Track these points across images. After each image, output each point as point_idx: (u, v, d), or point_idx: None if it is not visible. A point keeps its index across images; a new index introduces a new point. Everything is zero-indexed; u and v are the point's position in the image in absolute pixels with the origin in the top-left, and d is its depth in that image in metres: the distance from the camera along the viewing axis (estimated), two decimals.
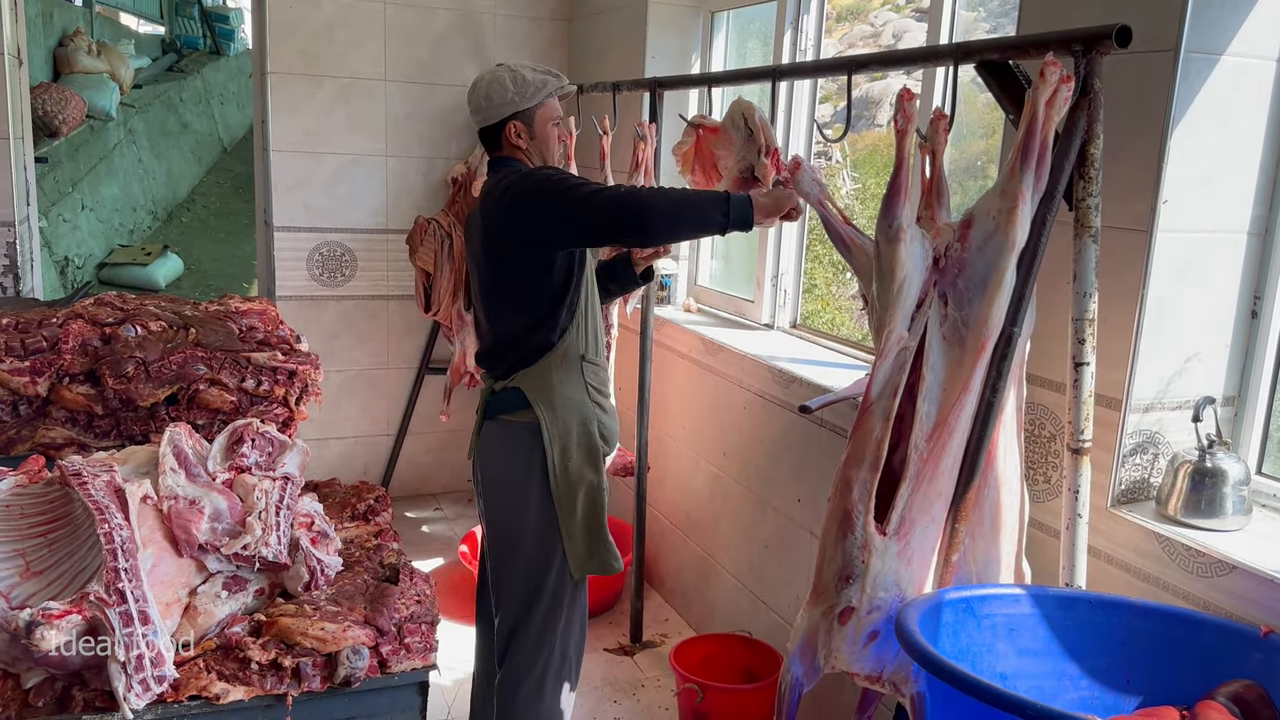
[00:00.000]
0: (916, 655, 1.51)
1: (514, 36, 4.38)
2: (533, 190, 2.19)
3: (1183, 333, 1.91)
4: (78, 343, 2.27)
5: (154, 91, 9.35)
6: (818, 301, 5.56)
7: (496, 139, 2.34)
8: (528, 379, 2.29)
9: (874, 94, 7.19)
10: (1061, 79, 1.71)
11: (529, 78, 2.30)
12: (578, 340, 2.32)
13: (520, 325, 2.29)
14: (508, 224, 2.22)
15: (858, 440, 1.90)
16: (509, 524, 2.36)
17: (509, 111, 2.29)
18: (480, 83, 2.33)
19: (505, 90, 2.28)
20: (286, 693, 1.60)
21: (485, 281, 2.34)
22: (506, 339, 2.33)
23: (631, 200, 2.12)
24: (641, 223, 2.12)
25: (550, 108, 2.35)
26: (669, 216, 2.13)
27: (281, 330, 2.51)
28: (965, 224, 1.86)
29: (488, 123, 2.33)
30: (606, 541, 2.35)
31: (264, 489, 1.83)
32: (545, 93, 2.31)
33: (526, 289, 2.26)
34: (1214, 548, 1.74)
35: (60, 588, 1.51)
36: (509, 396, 2.32)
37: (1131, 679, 1.68)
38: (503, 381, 2.34)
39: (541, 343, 2.28)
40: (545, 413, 2.28)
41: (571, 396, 2.31)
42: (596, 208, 2.13)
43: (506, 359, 2.33)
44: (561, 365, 2.30)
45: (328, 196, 4.21)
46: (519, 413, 2.31)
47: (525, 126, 2.31)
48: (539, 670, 2.34)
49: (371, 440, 4.55)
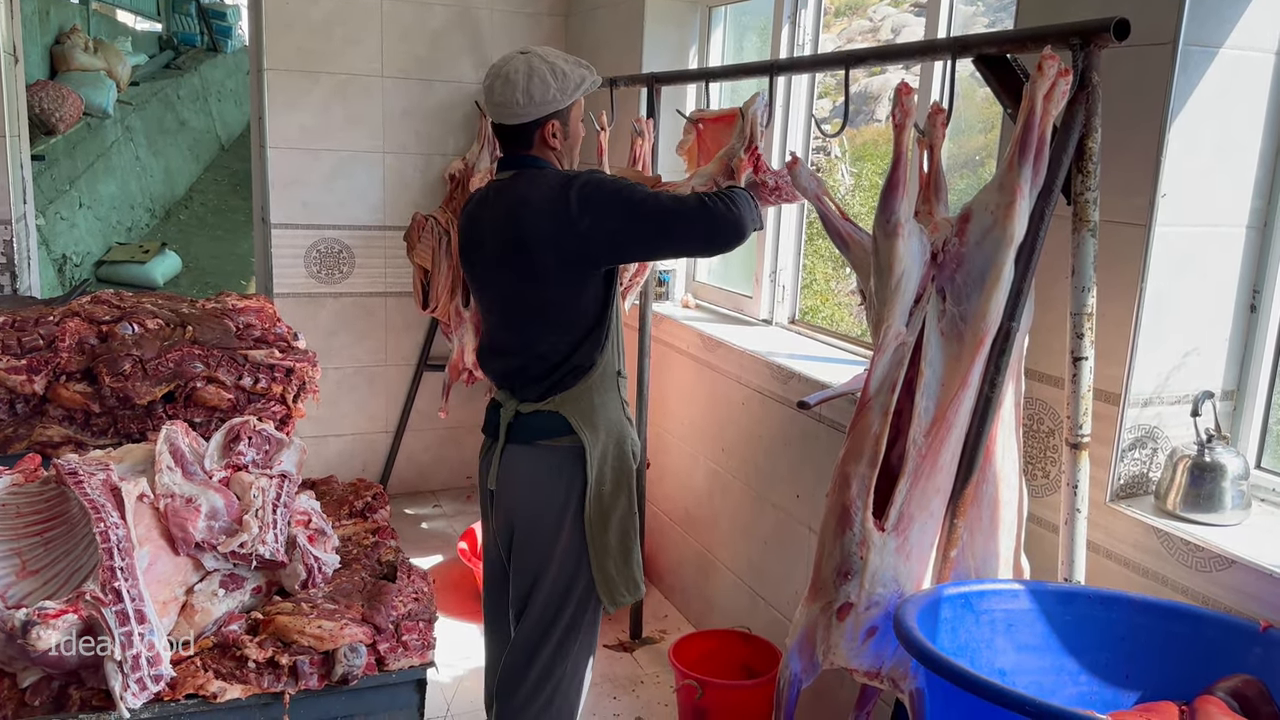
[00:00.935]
0: (915, 651, 1.51)
1: (511, 32, 4.37)
2: (607, 201, 2.02)
3: (1181, 327, 1.91)
4: (74, 341, 2.26)
5: (151, 89, 9.33)
6: (817, 297, 5.55)
7: (529, 138, 2.12)
8: (568, 403, 2.13)
9: (873, 89, 7.18)
10: (1059, 73, 1.71)
11: (568, 72, 2.09)
12: (613, 356, 2.19)
13: (565, 346, 2.12)
14: (571, 239, 2.02)
15: (856, 436, 1.89)
16: (540, 550, 2.21)
17: (551, 110, 2.08)
18: (516, 76, 2.06)
19: (548, 87, 2.06)
20: (284, 691, 1.59)
21: (523, 298, 2.14)
22: (545, 361, 2.14)
23: (719, 209, 2.02)
24: (739, 229, 2.03)
25: (581, 104, 2.17)
26: (743, 219, 2.05)
27: (279, 328, 2.50)
28: (963, 219, 1.86)
29: (525, 120, 2.08)
30: (634, 569, 2.24)
31: (261, 487, 1.83)
32: (584, 88, 2.12)
33: (574, 307, 2.10)
34: (1213, 542, 1.74)
35: (57, 587, 1.51)
36: (546, 420, 2.15)
37: (1131, 674, 1.68)
38: (534, 405, 2.16)
39: (582, 364, 2.13)
40: (589, 436, 2.14)
41: (612, 417, 2.18)
42: (687, 219, 2.01)
43: (542, 382, 2.15)
44: (601, 385, 2.16)
45: (325, 193, 4.20)
46: (560, 438, 2.15)
47: (562, 125, 2.13)
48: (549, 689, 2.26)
49: (370, 437, 4.55)
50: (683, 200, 2.03)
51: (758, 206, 2.16)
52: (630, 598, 2.23)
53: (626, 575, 2.22)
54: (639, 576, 2.25)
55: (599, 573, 2.18)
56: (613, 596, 2.20)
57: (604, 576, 2.19)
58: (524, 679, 2.25)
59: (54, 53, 7.66)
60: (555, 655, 2.23)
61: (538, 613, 2.23)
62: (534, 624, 2.23)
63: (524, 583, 2.25)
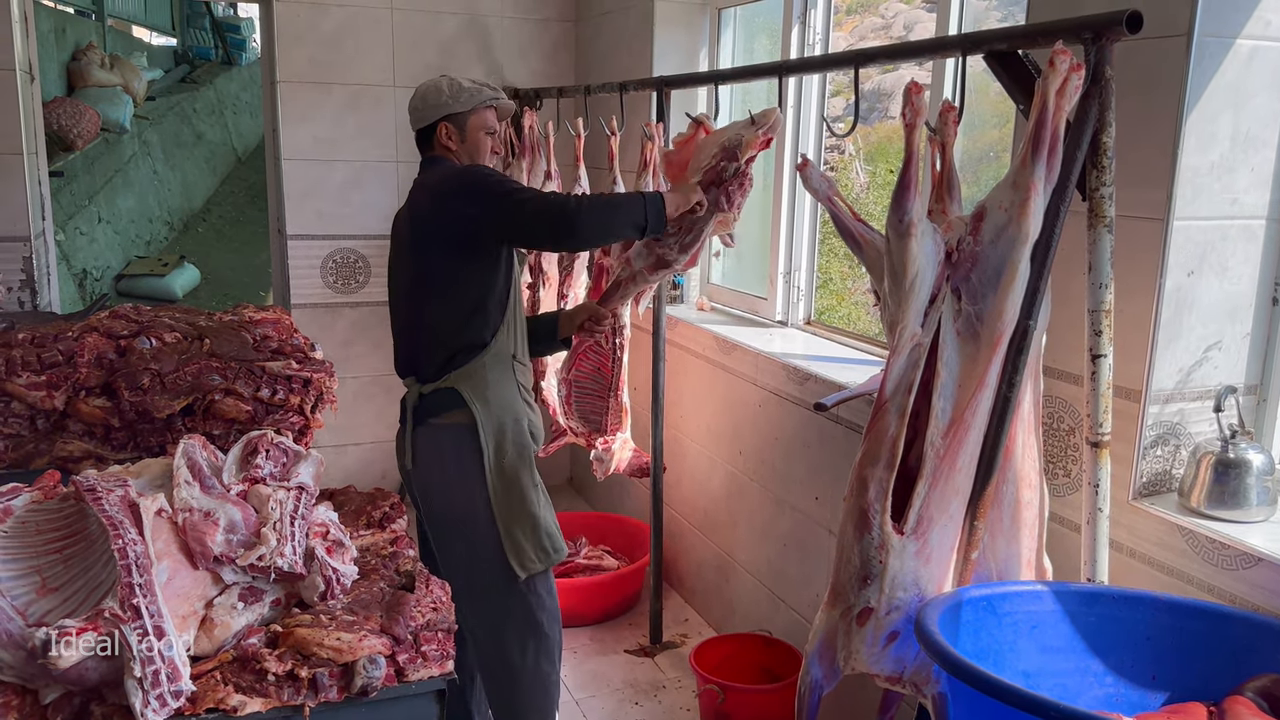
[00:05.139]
0: (937, 656, 1.50)
1: (521, 39, 4.38)
2: (469, 185, 2.31)
3: (1202, 322, 1.88)
4: (93, 356, 2.28)
5: (167, 103, 9.40)
6: (833, 297, 5.52)
7: (429, 140, 2.48)
8: (462, 379, 2.37)
9: (885, 86, 7.15)
10: (1071, 67, 1.69)
11: (464, 85, 2.45)
12: (509, 340, 2.42)
13: (454, 319, 2.36)
14: (444, 215, 2.33)
15: (873, 438, 1.88)
16: (454, 527, 2.43)
17: (442, 113, 2.43)
18: (418, 89, 2.49)
19: (440, 94, 2.44)
20: (304, 704, 1.59)
21: (414, 274, 2.42)
22: (434, 335, 2.38)
23: (561, 203, 2.25)
24: (571, 226, 2.24)
25: (483, 116, 2.47)
26: (596, 219, 2.28)
27: (295, 339, 2.51)
28: (977, 217, 1.84)
29: (421, 124, 2.47)
30: (542, 535, 2.41)
31: (279, 499, 1.83)
32: (478, 100, 2.44)
33: (457, 280, 2.34)
34: (1239, 540, 1.71)
35: (76, 604, 1.52)
36: (443, 397, 2.38)
37: (1157, 675, 1.65)
38: (433, 384, 2.40)
39: (475, 342, 2.37)
40: (480, 411, 2.36)
41: (505, 395, 2.40)
42: (530, 210, 2.26)
43: (435, 359, 2.39)
44: (495, 365, 2.39)
45: (340, 204, 4.22)
46: (452, 413, 2.38)
47: (457, 130, 2.45)
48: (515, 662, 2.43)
49: (388, 446, 4.55)
50: (540, 193, 2.30)
51: (657, 214, 2.36)
52: (539, 565, 2.40)
53: (535, 542, 2.40)
54: (550, 546, 2.42)
55: (507, 540, 2.38)
56: (522, 562, 2.38)
57: (513, 544, 2.38)
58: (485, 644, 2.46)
59: (70, 69, 7.71)
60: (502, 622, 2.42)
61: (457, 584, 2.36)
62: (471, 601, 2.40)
63: (445, 556, 2.46)
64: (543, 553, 2.42)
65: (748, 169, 2.48)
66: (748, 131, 2.46)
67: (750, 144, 2.45)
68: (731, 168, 2.46)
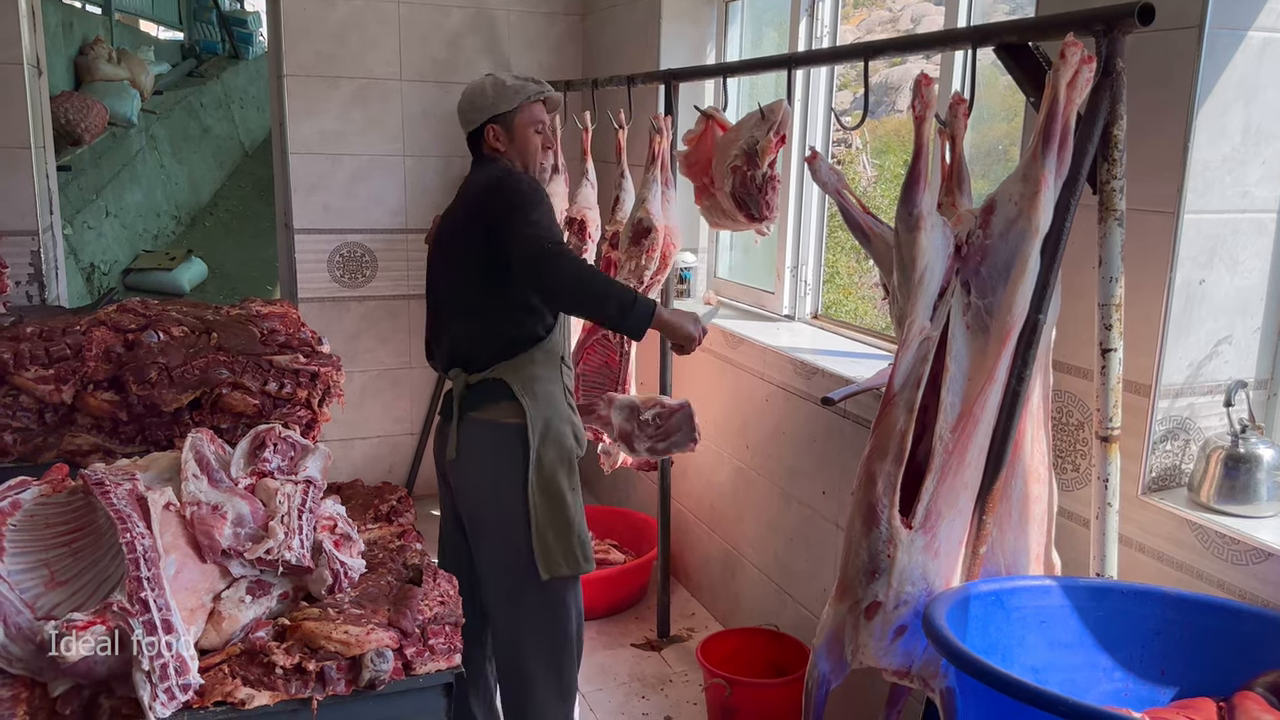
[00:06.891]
0: (945, 650, 1.49)
1: (528, 32, 4.37)
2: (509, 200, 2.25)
3: (1212, 316, 1.87)
4: (101, 349, 2.28)
5: (175, 97, 9.41)
6: (840, 291, 5.51)
7: (479, 141, 2.44)
8: (511, 370, 2.32)
9: (894, 79, 7.12)
10: (1082, 60, 1.68)
11: (508, 83, 2.40)
12: (560, 340, 2.38)
13: (503, 312, 2.30)
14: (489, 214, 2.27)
15: (881, 433, 1.87)
16: (490, 525, 2.40)
17: (487, 115, 2.39)
18: (464, 91, 2.45)
19: (485, 96, 2.39)
20: (312, 697, 1.59)
21: (467, 265, 2.32)
22: (490, 324, 2.32)
23: (559, 262, 2.14)
24: (554, 287, 2.17)
25: (529, 112, 2.42)
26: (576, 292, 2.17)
27: (303, 332, 2.51)
28: (987, 210, 1.83)
29: (470, 127, 2.43)
30: (573, 540, 2.37)
31: (286, 493, 1.83)
32: (522, 96, 2.39)
33: (507, 274, 2.26)
34: (1249, 535, 1.71)
35: (85, 597, 1.52)
36: (491, 389, 2.33)
37: (1167, 670, 1.65)
38: (480, 374, 2.34)
39: (530, 335, 2.32)
40: (530, 405, 2.31)
41: (553, 394, 2.36)
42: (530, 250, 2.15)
43: (489, 348, 2.33)
44: (546, 362, 2.34)
45: (347, 197, 4.22)
46: (500, 405, 2.32)
47: (504, 130, 2.41)
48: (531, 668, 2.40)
49: (396, 440, 4.57)
50: (552, 240, 2.18)
51: (644, 313, 2.18)
52: (567, 569, 2.36)
53: (564, 548, 2.36)
54: (580, 554, 2.39)
55: (538, 540, 2.33)
56: (549, 564, 2.34)
57: (542, 545, 2.34)
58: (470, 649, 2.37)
59: (78, 64, 7.73)
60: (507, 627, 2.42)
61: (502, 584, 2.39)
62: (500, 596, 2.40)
63: (480, 555, 2.43)
64: (572, 558, 2.37)
65: (773, 172, 2.49)
66: (760, 130, 2.46)
67: (768, 148, 2.46)
68: (759, 175, 2.47)
